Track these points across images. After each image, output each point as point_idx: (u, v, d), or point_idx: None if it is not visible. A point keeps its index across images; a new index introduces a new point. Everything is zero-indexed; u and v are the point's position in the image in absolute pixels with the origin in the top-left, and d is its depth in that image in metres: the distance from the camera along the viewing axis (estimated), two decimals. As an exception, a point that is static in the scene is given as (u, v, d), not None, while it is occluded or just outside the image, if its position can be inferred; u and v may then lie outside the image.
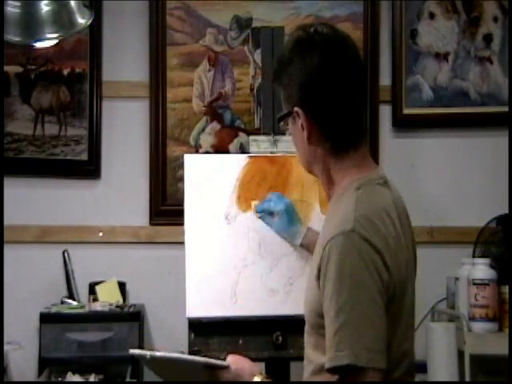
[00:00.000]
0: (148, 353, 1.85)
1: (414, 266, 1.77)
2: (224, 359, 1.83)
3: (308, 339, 1.73)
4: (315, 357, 1.67)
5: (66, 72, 3.19)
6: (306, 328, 1.74)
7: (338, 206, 1.70)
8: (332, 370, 1.54)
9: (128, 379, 2.77)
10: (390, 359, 1.56)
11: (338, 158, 1.72)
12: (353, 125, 1.72)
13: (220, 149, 3.17)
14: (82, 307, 2.95)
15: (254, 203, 2.37)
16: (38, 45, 2.56)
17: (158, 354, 1.85)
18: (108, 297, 3.01)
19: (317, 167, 1.76)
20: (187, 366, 1.82)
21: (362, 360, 1.50)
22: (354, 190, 1.67)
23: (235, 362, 1.81)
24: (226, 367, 1.79)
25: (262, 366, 1.91)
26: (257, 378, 1.77)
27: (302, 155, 1.77)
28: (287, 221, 2.31)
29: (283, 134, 2.49)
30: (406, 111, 3.25)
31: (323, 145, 1.71)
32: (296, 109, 1.70)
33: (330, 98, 1.68)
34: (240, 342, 2.34)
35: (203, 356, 1.97)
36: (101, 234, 3.18)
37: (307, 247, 2.29)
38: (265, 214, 2.35)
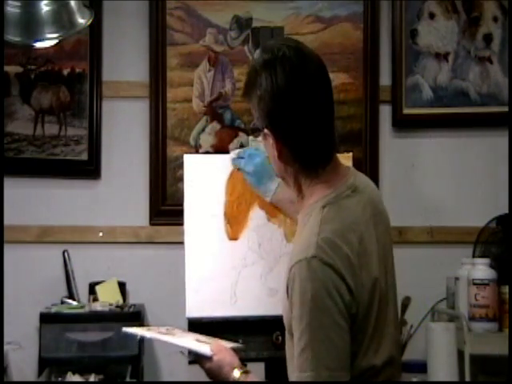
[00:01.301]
0: (139, 333, 2.08)
1: (390, 262, 1.82)
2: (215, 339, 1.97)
3: (288, 340, 1.79)
4: (290, 372, 1.76)
5: (65, 72, 3.19)
6: (286, 332, 1.80)
7: (304, 225, 1.77)
8: None
9: (128, 379, 2.76)
10: (355, 371, 1.67)
11: (308, 176, 1.79)
12: (321, 145, 1.78)
13: (220, 149, 3.16)
14: (82, 307, 2.95)
15: (231, 155, 2.37)
16: (38, 45, 2.56)
17: (148, 335, 2.06)
18: (108, 297, 3.01)
19: (288, 180, 1.84)
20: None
21: (327, 379, 1.62)
22: (320, 210, 1.74)
23: (217, 351, 1.92)
24: (209, 358, 1.90)
25: (261, 371, 1.98)
26: (236, 371, 1.87)
27: (275, 168, 1.86)
28: (255, 180, 2.32)
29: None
30: (406, 111, 3.25)
31: (292, 164, 1.79)
32: (265, 131, 1.77)
33: (296, 122, 1.74)
34: (240, 341, 2.34)
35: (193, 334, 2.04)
36: (101, 234, 3.18)
37: (276, 204, 2.32)
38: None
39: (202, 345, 1.97)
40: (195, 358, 1.98)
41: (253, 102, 1.79)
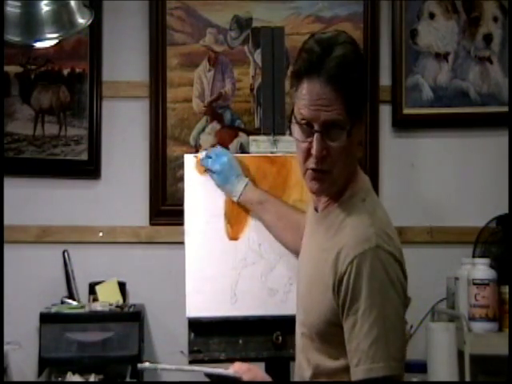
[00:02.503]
0: (159, 367, 1.95)
1: None
2: (222, 359, 1.87)
3: (309, 344, 1.79)
4: (321, 360, 1.76)
5: (65, 72, 3.19)
6: (307, 334, 1.80)
7: (343, 217, 1.74)
8: (368, 381, 1.64)
9: (128, 379, 2.76)
10: None
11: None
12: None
13: (220, 149, 3.16)
14: (82, 307, 2.95)
15: (198, 155, 2.38)
16: (38, 45, 2.56)
17: (168, 367, 1.92)
18: (108, 297, 3.01)
19: (342, 173, 1.76)
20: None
21: (394, 371, 1.64)
22: (362, 203, 1.74)
23: (245, 371, 1.85)
24: (238, 379, 1.83)
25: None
26: None
27: (345, 162, 1.74)
28: (222, 179, 2.33)
29: (283, 134, 2.49)
30: (406, 111, 3.25)
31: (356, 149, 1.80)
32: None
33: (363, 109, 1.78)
34: (240, 341, 2.34)
35: (205, 356, 2.00)
36: (101, 234, 3.18)
37: (244, 204, 2.32)
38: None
39: (225, 369, 1.87)
40: None
41: (345, 88, 1.69)
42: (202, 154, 2.38)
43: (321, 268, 1.73)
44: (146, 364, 2.00)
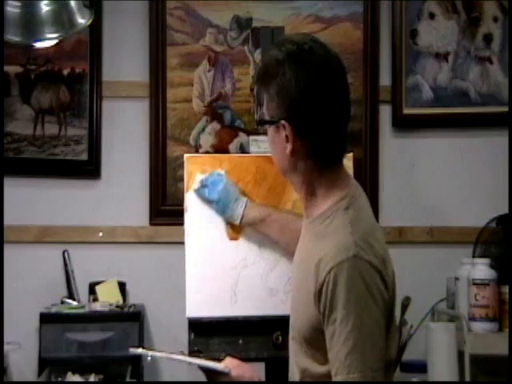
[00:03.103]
0: (149, 353, 1.96)
1: None
2: (221, 359, 1.91)
3: (298, 348, 1.80)
4: (308, 364, 1.77)
5: (65, 72, 3.19)
6: (296, 338, 1.81)
7: (326, 226, 1.74)
8: None
9: (128, 379, 2.76)
10: None
11: (321, 174, 1.77)
12: (337, 143, 1.77)
13: (220, 149, 3.17)
14: (82, 307, 2.95)
15: (194, 186, 2.35)
16: (38, 45, 2.56)
17: (159, 354, 1.96)
18: (108, 297, 3.01)
19: (295, 178, 1.81)
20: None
21: (372, 380, 1.63)
22: (344, 211, 1.73)
23: (235, 367, 1.89)
24: (226, 374, 1.87)
25: (261, 371, 1.96)
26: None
27: (280, 163, 1.82)
28: (222, 207, 2.31)
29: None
30: (406, 111, 3.25)
31: (306, 160, 1.76)
32: (283, 122, 1.74)
33: (318, 117, 1.72)
34: (240, 341, 2.34)
35: (203, 356, 2.00)
36: (101, 234, 3.18)
37: (248, 226, 2.31)
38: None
39: (216, 362, 1.92)
40: (207, 377, 1.94)
41: (270, 91, 1.75)
42: (197, 184, 2.35)
43: (306, 274, 1.74)
44: (139, 350, 2.02)
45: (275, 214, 2.28)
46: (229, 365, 1.90)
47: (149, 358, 1.96)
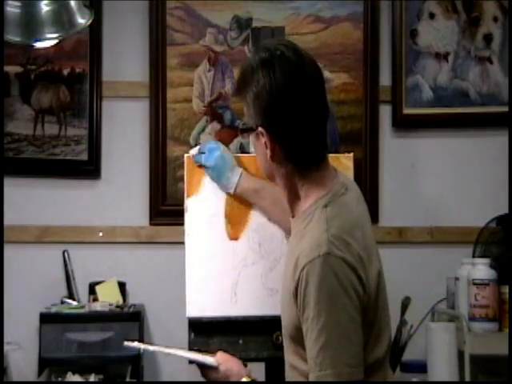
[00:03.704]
0: (142, 347, 2.05)
1: (378, 253, 1.83)
2: (214, 354, 1.96)
3: (287, 345, 1.82)
4: (297, 363, 1.77)
5: (65, 72, 3.19)
6: (285, 335, 1.82)
7: (306, 224, 1.76)
8: None
9: (128, 379, 2.76)
10: (365, 365, 1.68)
11: (301, 176, 1.79)
12: (315, 145, 1.78)
13: (220, 149, 3.16)
14: (82, 307, 2.95)
15: (191, 152, 2.37)
16: (38, 45, 2.56)
17: (151, 348, 2.05)
18: (108, 297, 3.01)
19: (279, 181, 1.84)
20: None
21: (344, 377, 1.63)
22: (322, 209, 1.74)
23: (224, 361, 1.93)
24: (215, 368, 1.91)
25: (249, 367, 1.99)
26: (244, 380, 1.89)
27: (264, 168, 1.85)
28: (217, 174, 2.32)
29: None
30: (406, 111, 3.25)
31: (285, 164, 1.79)
32: (260, 129, 1.77)
33: (293, 120, 1.74)
34: (240, 341, 2.34)
35: (197, 351, 2.04)
36: (101, 234, 3.18)
37: (241, 195, 2.32)
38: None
39: (207, 356, 1.98)
40: (200, 371, 1.99)
41: (247, 99, 1.79)
42: (194, 150, 2.37)
43: (287, 273, 1.77)
44: (135, 343, 2.07)
45: (271, 186, 2.28)
46: (219, 359, 1.94)
47: (141, 351, 1.99)
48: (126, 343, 2.06)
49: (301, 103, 1.74)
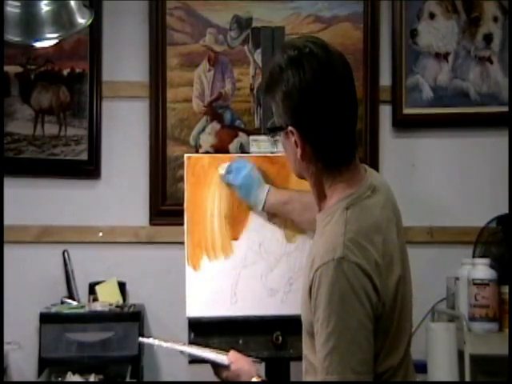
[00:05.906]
0: (156, 343, 2.09)
1: (407, 259, 1.85)
2: (227, 351, 2.01)
3: (305, 340, 1.80)
4: (310, 356, 1.75)
5: (65, 72, 3.19)
6: (304, 330, 1.80)
7: (326, 225, 1.74)
8: None
9: (128, 379, 2.76)
10: (376, 373, 1.66)
11: (330, 176, 1.77)
12: (345, 144, 1.76)
13: (220, 149, 3.17)
14: (82, 307, 2.95)
15: (219, 171, 2.38)
16: (38, 45, 2.56)
17: (164, 344, 2.08)
18: (108, 297, 3.01)
19: (309, 180, 1.82)
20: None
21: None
22: (343, 211, 1.72)
23: (235, 361, 1.95)
24: (226, 366, 1.94)
25: (260, 367, 2.00)
26: (254, 379, 1.89)
27: (294, 167, 1.83)
28: (245, 192, 2.33)
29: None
30: (406, 111, 3.25)
31: (315, 163, 1.76)
32: (290, 128, 1.74)
33: (323, 119, 1.72)
34: (240, 341, 2.34)
35: (208, 348, 2.06)
36: (101, 234, 3.18)
37: (270, 210, 2.33)
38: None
39: (219, 354, 2.00)
40: (212, 369, 2.02)
41: (276, 99, 1.75)
42: (222, 169, 2.38)
43: (306, 270, 1.75)
44: (150, 339, 2.13)
45: (297, 195, 2.29)
46: (231, 358, 1.97)
47: (155, 347, 2.09)
48: (141, 339, 2.17)
49: (331, 101, 1.71)
